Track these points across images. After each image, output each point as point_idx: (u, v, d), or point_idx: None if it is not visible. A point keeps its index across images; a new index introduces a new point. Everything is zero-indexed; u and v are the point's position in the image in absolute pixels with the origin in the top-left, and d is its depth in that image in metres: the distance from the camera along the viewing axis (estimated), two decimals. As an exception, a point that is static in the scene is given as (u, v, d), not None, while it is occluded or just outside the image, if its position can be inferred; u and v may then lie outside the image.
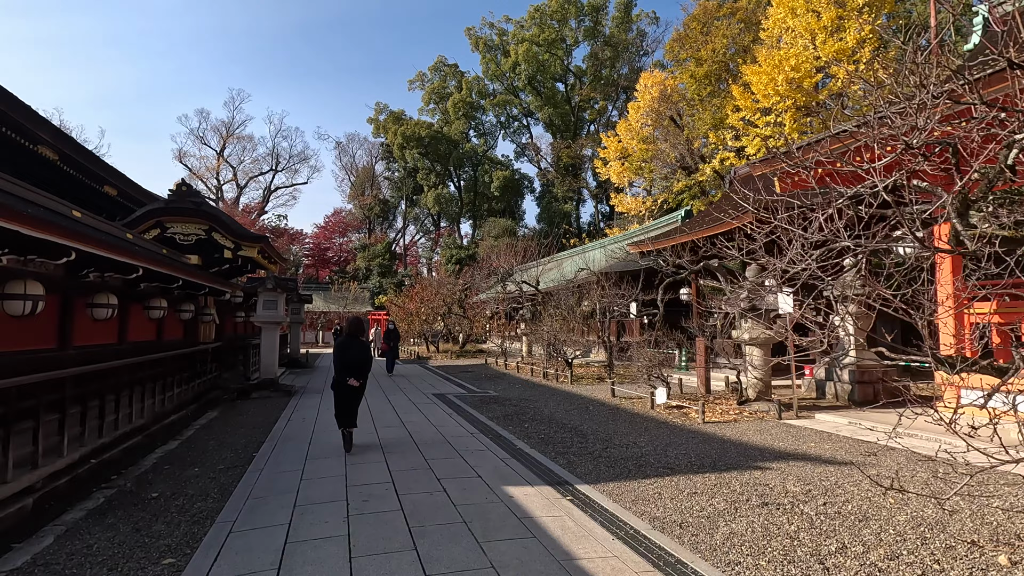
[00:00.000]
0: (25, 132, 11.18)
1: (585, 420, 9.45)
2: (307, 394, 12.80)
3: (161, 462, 6.76)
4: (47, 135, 11.71)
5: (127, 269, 7.97)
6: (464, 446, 7.35)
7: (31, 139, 11.62)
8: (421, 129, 53.07)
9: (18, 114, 10.59)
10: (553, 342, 15.41)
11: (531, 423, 9.23)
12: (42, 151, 12.16)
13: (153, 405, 8.86)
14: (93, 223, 7.49)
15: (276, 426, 8.83)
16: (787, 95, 22.92)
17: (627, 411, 10.40)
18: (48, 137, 11.75)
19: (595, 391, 13.13)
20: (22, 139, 11.28)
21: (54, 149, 12.42)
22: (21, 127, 10.96)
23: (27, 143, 11.53)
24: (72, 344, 7.86)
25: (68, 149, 12.68)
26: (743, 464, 6.39)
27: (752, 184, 18.35)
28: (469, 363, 22.39)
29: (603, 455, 6.92)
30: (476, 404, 11.39)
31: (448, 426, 8.77)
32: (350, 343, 7.36)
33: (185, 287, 11.30)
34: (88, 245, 6.25)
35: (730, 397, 11.41)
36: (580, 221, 54.29)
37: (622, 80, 51.03)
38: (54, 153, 12.52)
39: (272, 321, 12.83)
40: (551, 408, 10.79)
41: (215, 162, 57.27)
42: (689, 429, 8.55)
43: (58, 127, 11.87)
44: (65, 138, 12.42)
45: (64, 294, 7.69)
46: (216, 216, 13.80)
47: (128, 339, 9.90)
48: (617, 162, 39.27)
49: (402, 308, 29.73)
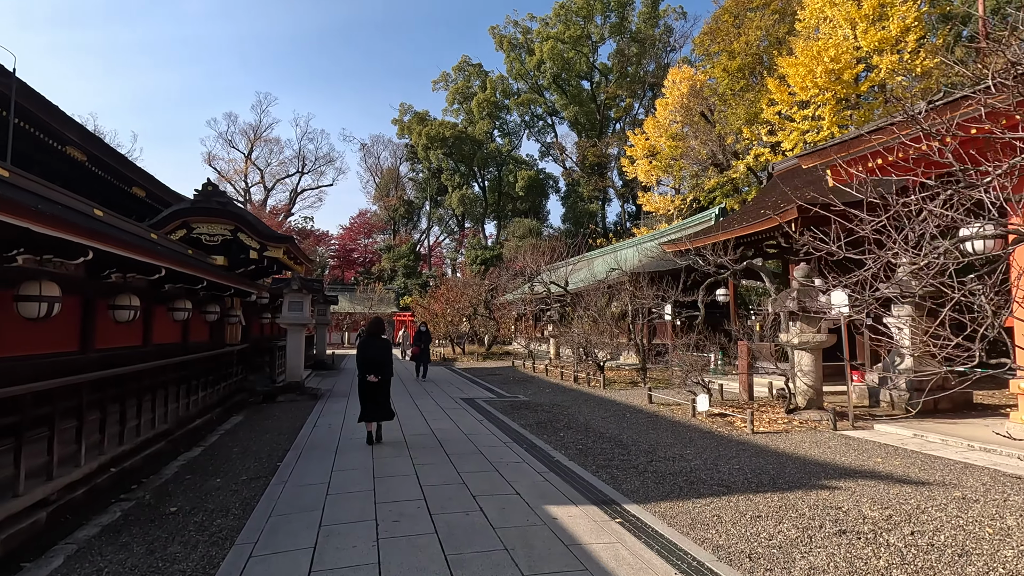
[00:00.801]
0: (53, 133, 11.11)
1: (624, 429, 8.92)
2: (333, 398, 12.52)
3: (183, 471, 6.47)
4: (75, 136, 11.64)
5: (149, 269, 7.73)
6: (498, 457, 6.90)
7: (59, 140, 11.56)
8: (445, 129, 52.95)
9: (45, 114, 10.54)
10: (585, 345, 14.87)
11: (566, 431, 8.74)
12: (70, 152, 12.11)
13: (177, 409, 8.63)
14: (114, 222, 7.25)
15: (301, 432, 8.51)
16: (826, 87, 21.97)
17: (667, 419, 9.83)
18: (76, 138, 11.69)
19: (630, 396, 12.57)
20: (50, 139, 11.22)
21: (82, 150, 12.37)
22: (48, 127, 10.90)
23: (55, 144, 11.48)
24: (93, 347, 7.65)
25: (96, 150, 12.63)
26: (806, 482, 5.80)
27: (793, 179, 17.53)
28: (496, 365, 21.97)
29: (649, 469, 6.40)
30: (507, 410, 10.94)
31: (479, 434, 8.33)
32: (371, 342, 7.90)
33: (210, 288, 11.11)
34: (106, 244, 5.98)
35: (776, 405, 10.74)
36: (606, 221, 53.56)
37: (649, 77, 50.13)
38: (82, 154, 12.47)
39: (298, 323, 12.59)
40: (586, 415, 10.28)
41: (243, 165, 58.07)
42: (738, 440, 7.96)
43: (85, 127, 11.81)
44: (92, 139, 12.37)
45: (85, 296, 7.48)
46: (242, 216, 13.63)
47: (153, 341, 9.72)
48: (645, 160, 38.46)
49: (427, 309, 29.45)
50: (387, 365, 7.72)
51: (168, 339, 10.55)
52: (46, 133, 10.95)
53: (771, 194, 16.63)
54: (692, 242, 12.68)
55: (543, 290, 21.53)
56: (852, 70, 22.10)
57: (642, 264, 17.28)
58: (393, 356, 8.18)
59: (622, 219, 51.77)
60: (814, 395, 9.77)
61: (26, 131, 10.40)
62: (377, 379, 7.60)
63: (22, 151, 10.89)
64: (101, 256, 6.71)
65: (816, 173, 16.00)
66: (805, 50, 22.23)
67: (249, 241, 13.72)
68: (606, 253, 24.75)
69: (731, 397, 11.91)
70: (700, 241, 12.68)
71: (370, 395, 7.60)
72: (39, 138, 10.85)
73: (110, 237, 5.93)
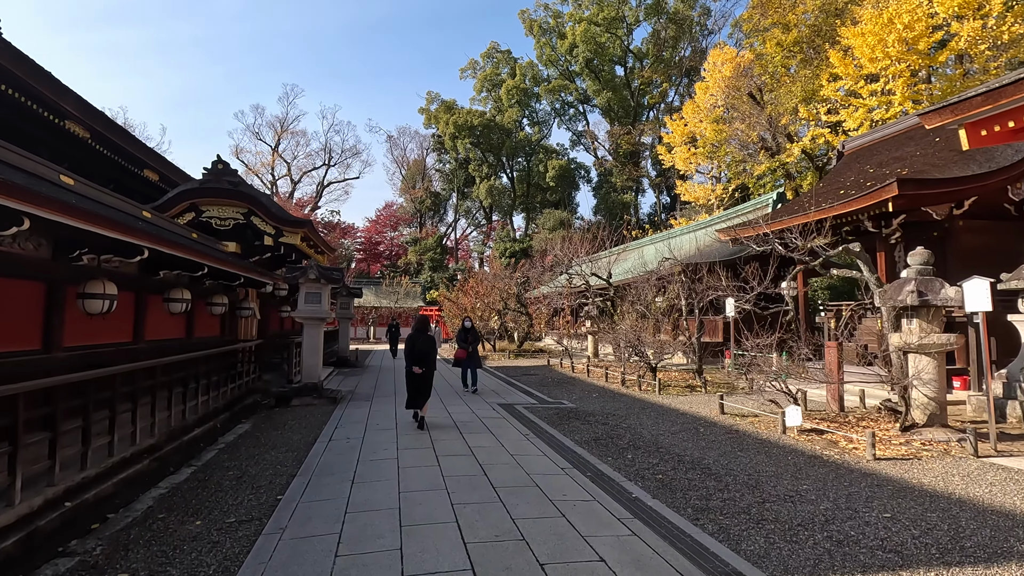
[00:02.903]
0: (47, 104, 9.84)
1: (704, 449, 7.26)
2: (355, 402, 11.10)
3: (158, 505, 5.05)
4: (72, 107, 10.30)
5: (128, 250, 6.35)
6: (559, 492, 5.32)
7: (56, 112, 10.31)
8: (473, 118, 51.45)
9: (34, 79, 9.28)
10: (635, 343, 13.18)
11: (633, 452, 7.12)
12: (71, 127, 10.83)
13: (169, 419, 7.26)
14: (82, 191, 5.88)
15: (314, 449, 7.07)
16: (899, 58, 19.70)
17: (750, 435, 8.12)
18: (74, 110, 10.35)
19: (693, 404, 10.86)
20: (45, 112, 9.99)
21: (84, 126, 11.07)
22: (42, 97, 9.64)
23: (51, 116, 10.25)
24: (60, 344, 6.32)
25: (100, 126, 11.31)
26: (1010, 549, 4.08)
27: (869, 158, 15.49)
28: (530, 364, 20.39)
29: (765, 516, 4.75)
30: (553, 420, 9.36)
31: (529, 456, 6.76)
32: (417, 337, 8.77)
33: (215, 276, 9.76)
34: (57, 214, 4.59)
35: (880, 419, 8.92)
36: (639, 212, 51.41)
37: (686, 62, 47.77)
38: (84, 130, 11.17)
39: (315, 317, 11.21)
40: (649, 429, 8.64)
41: (270, 157, 57.55)
42: (859, 470, 6.22)
43: (84, 99, 10.56)
44: (95, 113, 11.06)
45: (48, 281, 6.14)
46: (255, 198, 12.29)
47: (145, 337, 8.39)
48: (683, 147, 36.32)
49: (455, 303, 28.05)
50: (432, 358, 8.74)
51: (167, 334, 9.23)
52: (40, 104, 9.73)
53: (846, 174, 14.64)
54: (772, 224, 10.85)
55: (582, 283, 19.83)
56: (928, 39, 19.78)
57: (700, 252, 15.45)
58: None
59: (657, 210, 49.59)
60: (937, 409, 7.93)
61: (16, 101, 9.19)
62: (421, 371, 8.48)
63: (15, 127, 9.68)
64: (62, 232, 5.34)
65: (904, 150, 13.97)
66: (874, 18, 19.99)
67: (263, 226, 12.37)
68: (657, 241, 22.74)
69: (815, 407, 10.11)
70: (785, 223, 10.82)
71: (415, 385, 8.54)
72: (32, 110, 9.63)
73: (61, 205, 4.53)
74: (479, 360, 13.34)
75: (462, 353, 12.79)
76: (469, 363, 12.75)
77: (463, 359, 12.74)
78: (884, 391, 11.38)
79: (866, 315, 14.25)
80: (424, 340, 8.73)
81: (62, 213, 4.49)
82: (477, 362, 13.05)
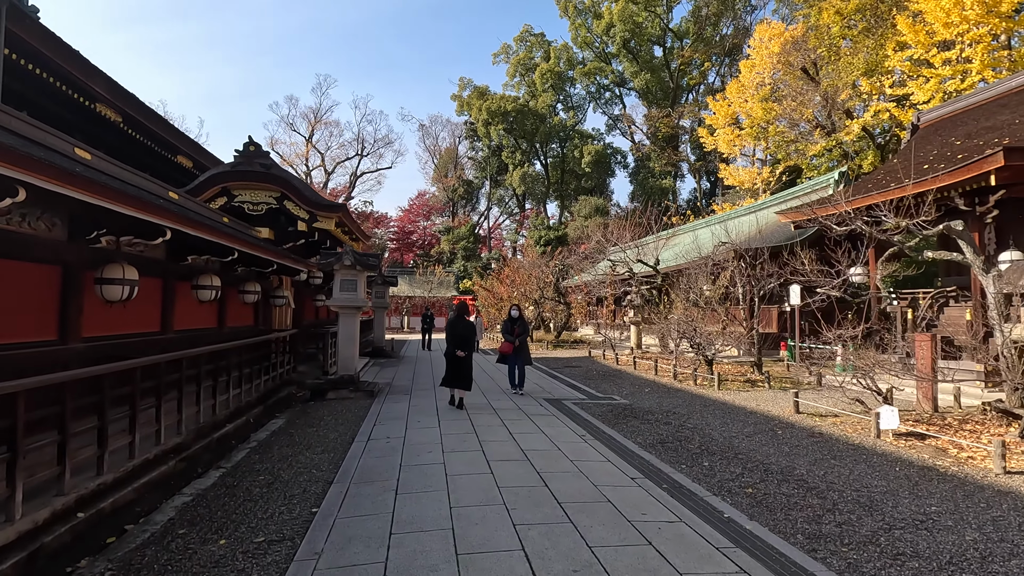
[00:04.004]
0: (77, 85, 9.43)
1: (789, 456, 6.34)
2: (392, 395, 10.50)
3: (180, 517, 4.46)
4: (103, 89, 9.87)
5: (150, 231, 5.78)
6: (637, 510, 4.52)
7: (86, 95, 9.91)
8: (506, 103, 50.47)
9: (62, 58, 8.85)
10: (690, 334, 12.21)
11: (709, 458, 6.26)
12: (102, 111, 10.43)
13: (198, 415, 6.73)
14: (105, 168, 5.32)
15: (351, 450, 6.43)
16: (978, 21, 17.93)
17: (837, 439, 7.15)
18: (105, 92, 9.92)
19: (759, 401, 9.88)
20: (75, 93, 9.58)
21: (115, 109, 10.65)
22: (71, 78, 9.25)
23: (82, 99, 9.85)
24: (79, 336, 5.81)
25: (131, 109, 10.87)
26: None
27: (949, 131, 14.03)
28: (570, 355, 19.57)
29: (900, 548, 3.85)
30: (608, 418, 8.55)
31: (591, 463, 5.97)
32: (458, 321, 9.19)
33: (245, 262, 9.21)
34: (57, 183, 3.99)
35: (985, 421, 7.80)
36: (677, 198, 49.72)
37: (728, 40, 45.68)
38: (116, 114, 10.75)
39: (351, 305, 10.62)
40: (719, 430, 7.74)
41: (304, 148, 57.77)
42: (993, 487, 5.22)
43: (115, 80, 10.12)
44: (126, 95, 10.63)
45: (65, 265, 5.61)
46: (288, 181, 11.75)
47: (174, 327, 7.91)
48: (727, 129, 34.68)
49: (491, 292, 27.37)
50: (472, 342, 9.27)
51: (197, 324, 8.75)
52: (69, 85, 9.31)
53: (926, 148, 13.25)
54: (856, 200, 9.68)
55: (625, 270, 18.83)
56: (1011, -1, 17.93)
57: (760, 235, 14.29)
58: None
59: (697, 196, 47.83)
60: (1065, 413, 6.80)
61: (46, 83, 8.79)
62: (464, 354, 8.88)
63: (47, 110, 9.30)
64: (78, 209, 4.78)
65: (997, 119, 12.50)
66: (950, -22, 18.22)
67: (297, 210, 11.84)
68: (713, 223, 21.39)
69: (903, 407, 8.98)
70: (872, 198, 9.66)
71: (455, 366, 8.94)
72: (62, 91, 9.23)
73: (46, 167, 3.90)
74: (528, 355, 11.00)
75: (508, 347, 10.54)
76: (517, 358, 10.59)
77: (509, 354, 10.57)
78: (977, 389, 10.20)
79: (947, 303, 12.94)
80: (464, 325, 9.21)
81: (63, 183, 3.88)
82: (526, 358, 10.83)
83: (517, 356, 10.54)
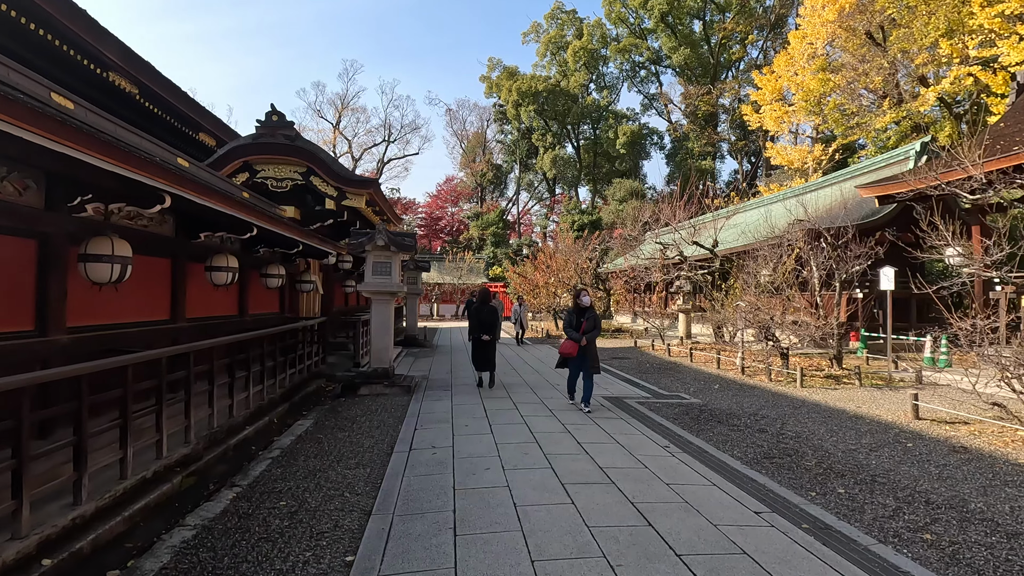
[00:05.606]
0: (86, 50, 8.44)
1: (946, 480, 4.97)
2: (431, 391, 9.37)
3: (175, 566, 3.36)
4: (114, 55, 8.73)
5: (146, 197, 4.69)
6: (788, 569, 3.25)
7: (96, 61, 8.91)
8: (537, 83, 48.76)
9: (67, 17, 7.84)
10: (767, 323, 10.77)
11: (839, 481, 4.93)
12: (115, 80, 9.38)
13: (212, 417, 5.69)
14: (92, 121, 4.21)
15: (392, 465, 5.28)
16: (1086, -32, 15.73)
17: (991, 455, 5.73)
18: (117, 59, 8.76)
19: (858, 402, 8.46)
20: (84, 59, 8.56)
21: (130, 79, 9.54)
22: (79, 41, 8.23)
23: (93, 67, 8.83)
24: (62, 326, 4.76)
25: (146, 79, 9.71)
26: None
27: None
28: (615, 345, 18.23)
29: None
30: (686, 422, 7.26)
31: (693, 488, 4.70)
32: (481, 308, 9.65)
33: (267, 241, 8.15)
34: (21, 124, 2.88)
35: None
36: (717, 180, 47.50)
37: (773, 10, 43.02)
38: (132, 84, 9.65)
39: (385, 291, 9.51)
40: (828, 439, 6.39)
41: (331, 135, 57.16)
42: None
43: (129, 47, 9.09)
44: (140, 63, 9.47)
45: (41, 240, 4.56)
46: (314, 154, 10.63)
47: (186, 314, 6.88)
48: (775, 105, 32.51)
49: (526, 279, 26.10)
50: (496, 327, 9.59)
51: (214, 311, 7.73)
52: (77, 50, 8.29)
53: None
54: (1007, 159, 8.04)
55: (675, 254, 17.33)
56: None
57: (847, 209, 12.66)
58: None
59: (739, 177, 45.55)
60: None
61: (52, 46, 7.80)
62: (488, 339, 9.42)
63: (54, 78, 8.33)
64: (55, 161, 3.71)
65: None
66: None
67: (324, 187, 10.73)
68: (789, 197, 19.53)
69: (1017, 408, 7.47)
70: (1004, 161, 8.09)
71: (480, 350, 9.53)
72: (70, 57, 8.23)
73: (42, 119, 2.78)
74: (597, 360, 7.75)
75: (572, 347, 7.52)
76: (583, 363, 7.58)
77: (573, 356, 7.59)
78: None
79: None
80: (488, 311, 9.54)
81: (13, 119, 2.75)
82: (594, 363, 7.62)
83: (583, 361, 7.56)
